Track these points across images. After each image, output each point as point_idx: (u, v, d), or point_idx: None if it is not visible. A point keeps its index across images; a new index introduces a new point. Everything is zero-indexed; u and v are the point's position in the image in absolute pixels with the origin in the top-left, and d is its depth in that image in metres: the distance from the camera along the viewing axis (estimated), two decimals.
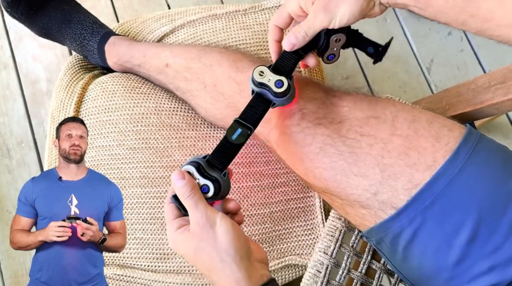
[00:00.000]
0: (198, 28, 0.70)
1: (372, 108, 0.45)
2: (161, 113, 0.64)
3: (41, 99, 1.15)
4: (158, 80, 0.64)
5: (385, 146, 0.43)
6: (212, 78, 0.56)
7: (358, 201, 0.44)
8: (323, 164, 0.45)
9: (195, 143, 0.63)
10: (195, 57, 0.58)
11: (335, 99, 0.47)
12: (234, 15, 0.71)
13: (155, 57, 0.63)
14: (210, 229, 0.35)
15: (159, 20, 0.74)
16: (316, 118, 0.45)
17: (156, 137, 0.62)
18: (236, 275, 0.35)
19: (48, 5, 0.67)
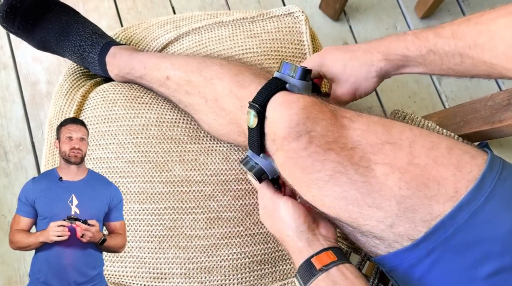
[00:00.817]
0: (204, 36, 0.67)
1: (387, 132, 0.42)
2: (162, 124, 0.61)
3: (41, 101, 1.13)
4: (161, 92, 0.62)
5: (402, 176, 0.40)
6: (213, 92, 0.53)
7: (371, 232, 0.42)
8: (333, 192, 0.42)
9: (196, 157, 0.60)
10: (195, 70, 0.56)
11: (345, 121, 0.44)
12: (241, 22, 0.69)
13: (156, 69, 0.60)
14: (275, 211, 0.47)
15: (163, 26, 0.71)
16: (326, 143, 0.42)
17: (156, 151, 0.60)
18: (299, 245, 0.45)
19: (45, 17, 0.64)
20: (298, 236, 0.45)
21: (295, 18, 0.69)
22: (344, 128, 0.43)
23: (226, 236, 0.58)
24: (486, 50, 0.39)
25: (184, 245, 0.58)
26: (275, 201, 0.47)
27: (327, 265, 0.42)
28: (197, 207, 0.58)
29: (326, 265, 0.42)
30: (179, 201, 0.58)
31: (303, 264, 0.43)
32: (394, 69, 0.49)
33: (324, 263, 0.42)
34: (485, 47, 0.39)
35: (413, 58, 0.47)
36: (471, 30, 0.40)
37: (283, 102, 0.45)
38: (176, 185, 0.59)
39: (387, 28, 1.18)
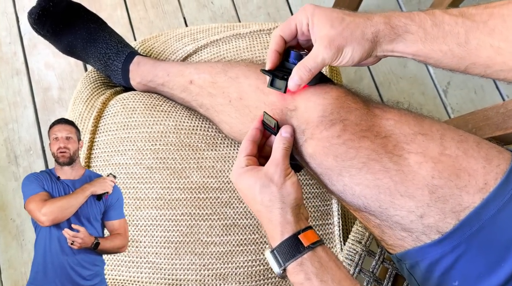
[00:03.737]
0: (222, 48, 0.69)
1: (418, 124, 0.43)
2: (180, 132, 0.62)
3: (52, 107, 1.14)
4: (181, 98, 0.63)
5: (435, 165, 0.40)
6: (238, 91, 0.54)
7: (400, 223, 0.42)
8: (365, 180, 0.42)
9: (214, 163, 0.61)
10: (221, 71, 0.57)
11: (377, 111, 0.44)
12: (258, 34, 0.70)
13: (179, 74, 0.61)
14: (283, 177, 0.42)
15: (181, 39, 0.72)
16: (360, 130, 0.43)
17: (174, 157, 0.61)
18: (288, 217, 0.41)
19: (75, 23, 0.66)
20: (293, 208, 0.41)
21: None
22: (377, 118, 0.44)
23: (242, 243, 0.59)
24: (497, 32, 0.38)
25: (200, 251, 0.58)
26: (287, 168, 0.43)
27: (314, 243, 0.40)
28: (213, 214, 0.59)
29: (313, 243, 0.40)
30: (196, 208, 0.59)
31: (288, 239, 0.40)
32: (390, 39, 0.42)
33: (311, 241, 0.40)
34: (495, 29, 0.38)
35: (414, 30, 0.41)
36: (481, 12, 0.39)
37: (315, 93, 0.46)
38: (193, 191, 0.59)
39: None
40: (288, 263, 0.39)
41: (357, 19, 0.42)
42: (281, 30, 0.46)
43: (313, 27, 0.43)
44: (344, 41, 0.41)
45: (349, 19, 0.42)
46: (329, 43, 0.41)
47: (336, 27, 0.42)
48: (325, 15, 0.42)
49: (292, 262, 0.39)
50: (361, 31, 0.42)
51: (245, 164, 0.44)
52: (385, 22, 0.42)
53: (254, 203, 0.43)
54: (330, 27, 0.42)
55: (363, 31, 0.42)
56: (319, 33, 0.42)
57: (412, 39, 0.41)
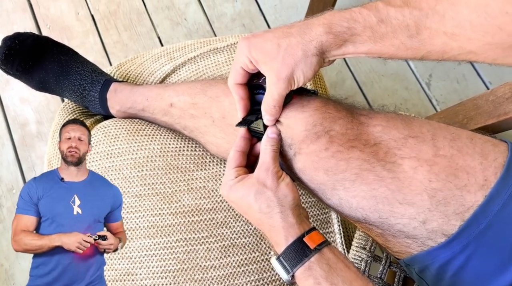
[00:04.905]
0: (200, 64, 0.68)
1: (407, 127, 0.42)
2: (167, 154, 0.60)
3: (31, 142, 1.11)
4: (164, 122, 0.61)
5: (431, 168, 0.39)
6: (219, 110, 0.53)
7: (403, 231, 0.41)
8: (361, 192, 0.41)
9: (205, 184, 0.59)
10: (200, 91, 0.55)
11: (363, 118, 0.43)
12: (235, 47, 0.69)
13: (159, 98, 0.60)
14: (276, 179, 0.41)
15: (158, 60, 0.71)
16: (348, 141, 0.41)
17: (163, 182, 0.59)
18: (290, 220, 0.39)
19: (44, 58, 0.64)
20: (292, 210, 0.40)
21: None
22: (363, 125, 0.42)
23: (243, 264, 0.57)
24: (447, 18, 0.35)
25: (199, 277, 0.56)
26: (279, 170, 0.42)
27: (320, 245, 0.38)
28: (210, 236, 0.57)
29: (319, 244, 0.38)
30: (191, 232, 0.57)
31: (294, 243, 0.38)
32: (337, 46, 0.40)
33: (317, 242, 0.38)
34: (445, 15, 0.35)
35: (360, 31, 0.39)
36: None
37: (294, 107, 0.45)
38: (187, 215, 0.57)
39: None
40: (295, 268, 0.38)
41: (293, 39, 0.40)
42: (233, 79, 0.45)
43: (257, 63, 0.42)
44: (290, 68, 0.40)
45: (284, 43, 0.40)
46: (277, 77, 0.40)
47: (275, 57, 0.40)
48: (261, 49, 0.41)
49: (300, 267, 0.38)
50: (302, 50, 0.40)
51: (235, 176, 0.43)
52: (326, 32, 0.39)
53: (252, 212, 0.41)
54: (270, 59, 0.40)
55: (304, 49, 0.40)
56: (264, 69, 0.41)
57: (361, 40, 0.39)
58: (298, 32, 0.40)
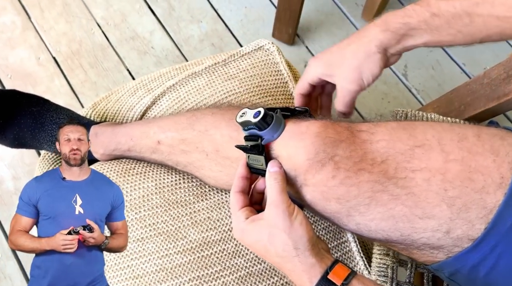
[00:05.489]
0: (181, 91, 0.66)
1: (411, 136, 0.41)
2: (163, 190, 0.58)
3: (10, 200, 1.05)
4: (154, 159, 0.59)
5: (444, 176, 0.38)
6: (212, 144, 0.51)
7: (428, 243, 0.40)
8: (378, 214, 0.40)
9: (209, 214, 0.57)
10: (187, 126, 0.53)
11: (364, 135, 0.42)
12: (214, 68, 0.68)
13: (144, 137, 0.58)
14: (287, 217, 0.38)
15: (135, 93, 0.69)
16: (354, 164, 0.40)
17: (165, 220, 0.56)
18: (310, 260, 0.38)
19: (15, 113, 0.60)
20: (310, 250, 0.38)
21: (266, 51, 0.70)
22: (366, 143, 0.41)
23: None
24: (497, 4, 0.38)
25: None
26: (290, 205, 0.39)
27: (346, 279, 0.37)
28: (224, 269, 0.55)
29: (345, 278, 0.37)
30: (203, 268, 0.54)
31: (319, 283, 0.37)
32: (396, 41, 0.45)
33: (343, 277, 0.37)
34: (495, 1, 0.38)
35: (416, 25, 0.43)
36: None
37: (292, 135, 0.43)
38: (195, 251, 0.55)
39: None
40: None
41: (353, 45, 0.46)
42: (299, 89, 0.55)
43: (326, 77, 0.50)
44: (357, 70, 0.46)
45: (348, 50, 0.47)
46: (346, 81, 0.47)
47: (342, 65, 0.47)
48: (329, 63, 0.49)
49: None
50: (364, 52, 0.45)
51: (245, 217, 0.41)
52: (383, 30, 0.44)
53: (270, 256, 0.40)
54: (338, 68, 0.47)
55: (365, 50, 0.45)
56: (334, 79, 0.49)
57: (418, 33, 0.44)
58: (357, 38, 0.46)
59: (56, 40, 1.21)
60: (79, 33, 1.21)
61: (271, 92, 0.67)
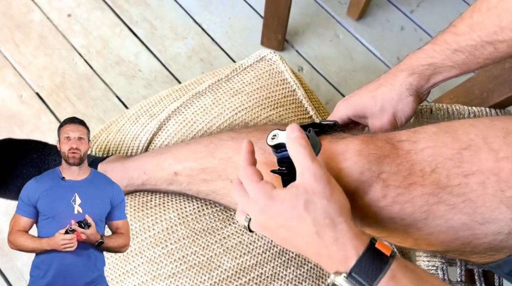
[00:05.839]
0: (187, 113, 0.64)
1: (455, 139, 0.40)
2: (187, 220, 0.56)
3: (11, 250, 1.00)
4: (171, 190, 0.57)
5: (498, 176, 0.37)
6: (237, 170, 0.49)
7: (490, 247, 0.39)
8: (436, 226, 0.38)
9: (239, 238, 0.55)
10: (206, 154, 0.51)
11: (406, 145, 0.40)
12: (217, 85, 0.66)
13: (158, 169, 0.55)
14: (327, 184, 0.35)
15: (137, 121, 0.67)
16: (403, 179, 0.38)
17: (194, 251, 0.54)
18: (355, 230, 0.34)
19: (15, 163, 0.58)
20: (352, 220, 0.35)
21: (269, 61, 0.69)
22: (410, 154, 0.39)
23: None
24: None
25: None
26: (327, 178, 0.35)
27: (393, 251, 0.34)
28: None
29: (392, 251, 0.33)
30: None
31: (367, 253, 0.33)
32: (425, 81, 0.47)
33: (389, 249, 0.33)
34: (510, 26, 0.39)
35: (441, 64, 0.45)
36: (488, 17, 0.40)
37: (332, 156, 0.41)
38: (232, 279, 0.52)
39: (330, 40, 1.22)
40: (376, 282, 0.32)
41: (384, 89, 0.47)
42: None
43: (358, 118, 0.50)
44: (390, 112, 0.47)
45: (379, 93, 0.47)
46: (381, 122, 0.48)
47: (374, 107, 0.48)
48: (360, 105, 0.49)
49: (381, 279, 0.32)
50: (397, 95, 0.46)
51: (271, 186, 0.36)
52: (410, 74, 0.46)
53: (304, 227, 0.34)
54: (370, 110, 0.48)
55: (398, 93, 0.46)
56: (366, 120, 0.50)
57: (446, 70, 0.45)
58: (386, 81, 0.47)
59: (37, 75, 1.17)
60: (61, 65, 1.18)
61: (281, 102, 0.66)
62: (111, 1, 1.24)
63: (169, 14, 1.23)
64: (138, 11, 1.23)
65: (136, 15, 1.23)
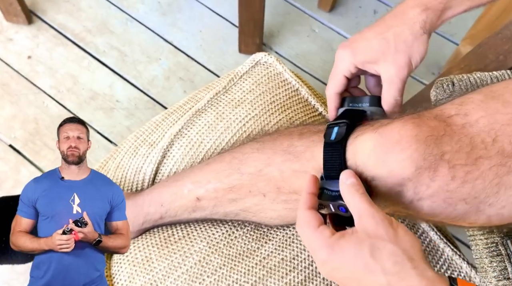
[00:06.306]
0: (191, 134, 0.60)
1: (505, 102, 0.38)
2: (219, 247, 0.52)
3: None
4: (194, 219, 0.53)
5: None
6: (270, 183, 0.46)
7: None
8: (509, 198, 0.36)
9: (281, 255, 0.52)
10: (232, 171, 0.48)
11: (458, 119, 0.38)
12: (217, 99, 0.63)
13: (177, 198, 0.52)
14: (389, 226, 0.34)
15: (136, 153, 0.62)
16: (467, 155, 0.36)
17: (236, 279, 0.50)
18: (429, 274, 0.32)
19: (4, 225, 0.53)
20: (424, 260, 0.33)
21: (265, 64, 0.66)
22: (466, 128, 0.38)
23: None
24: None
25: None
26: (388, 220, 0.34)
27: None
28: None
29: None
30: None
31: None
32: (437, 18, 0.45)
33: None
34: None
35: None
36: None
37: (386, 148, 0.38)
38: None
39: (308, 36, 1.21)
40: None
41: (396, 29, 0.45)
42: (335, 88, 0.49)
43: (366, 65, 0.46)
44: (406, 54, 0.44)
45: (390, 34, 0.44)
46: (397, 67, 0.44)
47: (387, 50, 0.44)
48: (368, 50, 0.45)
49: None
50: (411, 34, 0.44)
51: (330, 233, 0.35)
52: (423, 10, 0.44)
53: (373, 278, 0.33)
54: (383, 54, 0.44)
55: (412, 32, 0.44)
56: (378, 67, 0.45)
57: (458, 3, 0.44)
58: (397, 21, 0.45)
59: (6, 126, 1.10)
60: (31, 111, 1.12)
61: (287, 104, 0.63)
62: (72, 35, 1.19)
63: (137, 38, 1.19)
64: (103, 40, 1.19)
65: (102, 44, 1.18)
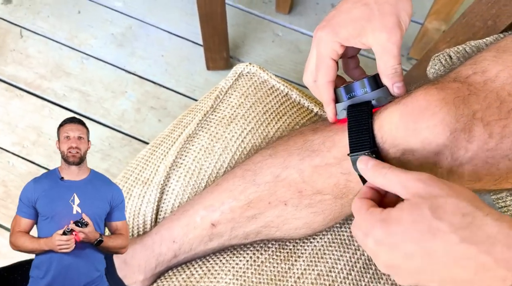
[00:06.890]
0: (187, 162, 0.57)
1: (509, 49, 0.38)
2: (248, 277, 0.49)
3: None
4: (211, 249, 0.50)
5: None
6: (290, 188, 0.44)
7: None
8: None
9: (316, 270, 0.49)
10: (247, 185, 0.46)
11: (478, 77, 0.38)
12: (206, 120, 0.60)
13: (190, 230, 0.49)
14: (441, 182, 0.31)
15: (130, 195, 0.59)
16: (498, 109, 0.36)
17: None
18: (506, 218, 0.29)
19: None
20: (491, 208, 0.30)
21: (248, 74, 0.64)
22: (488, 84, 0.37)
23: None
24: None
25: None
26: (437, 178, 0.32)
27: None
28: None
29: None
30: None
31: None
32: None
33: None
34: None
35: None
36: None
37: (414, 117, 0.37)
38: None
39: (273, 41, 1.21)
40: None
41: None
42: (327, 77, 0.42)
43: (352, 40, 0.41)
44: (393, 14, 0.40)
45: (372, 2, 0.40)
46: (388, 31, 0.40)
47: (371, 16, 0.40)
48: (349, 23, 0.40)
49: None
50: None
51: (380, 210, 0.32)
52: None
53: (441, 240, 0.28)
54: (367, 22, 0.40)
55: None
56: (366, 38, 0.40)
57: None
58: None
59: None
60: None
61: (281, 111, 0.61)
62: (26, 85, 1.13)
63: (97, 75, 1.15)
64: (61, 83, 1.14)
65: (60, 88, 1.13)
